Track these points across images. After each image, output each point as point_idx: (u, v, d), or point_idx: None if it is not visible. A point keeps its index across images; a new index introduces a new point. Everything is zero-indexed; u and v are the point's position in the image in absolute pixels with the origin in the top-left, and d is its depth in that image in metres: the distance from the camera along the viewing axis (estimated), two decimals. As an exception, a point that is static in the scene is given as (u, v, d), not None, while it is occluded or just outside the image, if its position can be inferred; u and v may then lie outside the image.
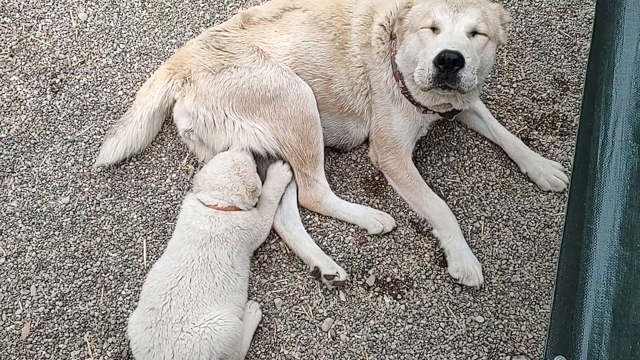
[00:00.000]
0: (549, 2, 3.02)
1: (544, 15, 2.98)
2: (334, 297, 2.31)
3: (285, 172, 2.43)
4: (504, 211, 2.50)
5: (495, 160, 2.62)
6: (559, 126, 2.69)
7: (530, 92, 2.78)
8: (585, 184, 1.49)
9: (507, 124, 2.69)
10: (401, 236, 2.44)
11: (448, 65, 1.97)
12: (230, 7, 2.98)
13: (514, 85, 2.80)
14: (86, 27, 2.90)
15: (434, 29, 2.12)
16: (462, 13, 2.09)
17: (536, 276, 2.36)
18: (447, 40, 2.02)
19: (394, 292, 2.33)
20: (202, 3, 2.99)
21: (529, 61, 2.86)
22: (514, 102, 2.75)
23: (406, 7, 2.23)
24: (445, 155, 2.63)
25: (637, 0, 1.67)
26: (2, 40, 2.85)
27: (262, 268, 2.37)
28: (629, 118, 1.53)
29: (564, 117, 2.71)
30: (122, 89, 2.75)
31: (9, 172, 2.54)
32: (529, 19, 2.98)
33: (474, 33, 2.11)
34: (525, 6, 3.01)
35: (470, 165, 2.61)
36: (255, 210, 2.32)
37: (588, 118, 1.55)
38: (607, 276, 1.38)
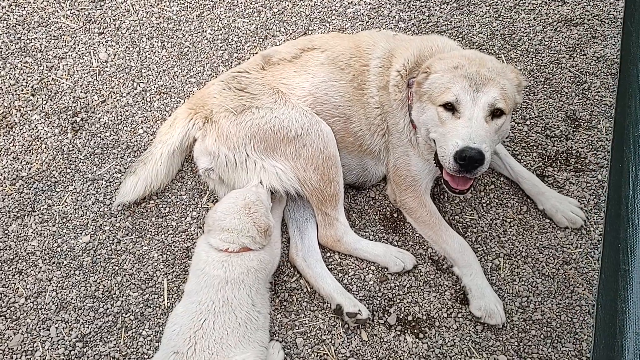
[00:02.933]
0: (559, 41, 3.09)
1: (554, 54, 3.05)
2: (355, 337, 2.30)
3: (281, 195, 2.45)
4: (523, 248, 2.51)
5: (512, 197, 2.64)
6: (573, 162, 2.73)
7: (543, 129, 2.82)
8: (619, 225, 1.50)
9: (522, 161, 2.72)
10: (422, 274, 2.44)
11: (469, 163, 2.03)
12: (248, 47, 3.04)
13: (527, 122, 2.85)
14: (107, 67, 2.96)
15: (453, 108, 2.15)
16: (481, 93, 2.11)
17: (557, 314, 2.35)
18: (468, 132, 2.06)
19: (415, 330, 2.32)
20: (221, 43, 3.05)
21: (541, 99, 2.91)
22: (528, 139, 2.79)
23: (424, 73, 2.24)
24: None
25: (658, 45, 1.72)
26: (24, 79, 2.90)
27: (283, 307, 2.36)
28: (657, 160, 1.55)
29: (578, 154, 2.74)
30: (142, 128, 2.78)
31: (29, 211, 2.55)
32: (540, 58, 3.04)
33: (492, 114, 2.14)
34: (535, 45, 3.08)
35: (488, 202, 2.63)
36: (268, 247, 2.29)
37: (618, 160, 1.58)
38: (644, 319, 1.39)
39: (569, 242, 2.52)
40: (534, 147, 2.77)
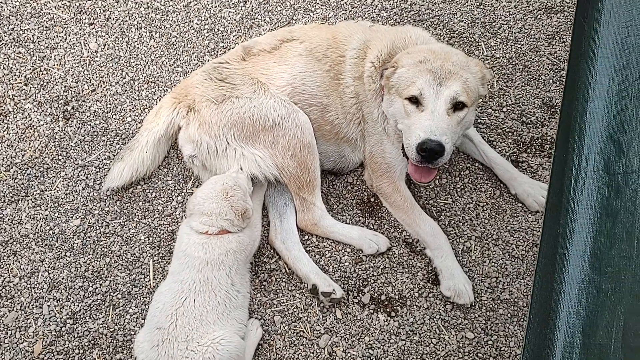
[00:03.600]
0: (539, 29, 3.15)
1: (533, 41, 3.11)
2: (330, 315, 2.43)
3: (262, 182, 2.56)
4: (494, 231, 2.61)
5: (486, 182, 2.74)
6: (547, 149, 2.81)
7: (519, 115, 2.90)
8: (559, 211, 1.60)
9: (497, 147, 2.81)
10: (395, 256, 2.56)
11: (430, 154, 2.15)
12: (233, 36, 3.13)
13: (504, 109, 2.93)
14: (97, 57, 3.06)
15: (417, 101, 2.24)
16: (444, 87, 2.20)
17: (524, 294, 2.47)
18: (430, 124, 2.16)
19: (388, 309, 2.44)
20: (207, 33, 3.14)
21: (518, 86, 2.99)
22: (504, 126, 2.88)
23: (392, 67, 2.33)
24: (437, 177, 2.75)
25: (610, 38, 1.79)
26: (17, 69, 3.01)
27: (262, 287, 2.49)
28: (601, 150, 1.64)
29: (552, 140, 2.82)
30: (130, 116, 2.89)
31: (23, 196, 2.68)
32: (519, 45, 3.11)
33: (454, 107, 2.23)
34: (515, 33, 3.15)
35: (462, 187, 2.73)
36: (247, 229, 2.39)
37: (562, 150, 1.67)
38: (578, 298, 1.49)
39: (539, 225, 2.62)
40: (510, 134, 2.86)
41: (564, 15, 3.19)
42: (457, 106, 2.23)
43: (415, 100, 2.24)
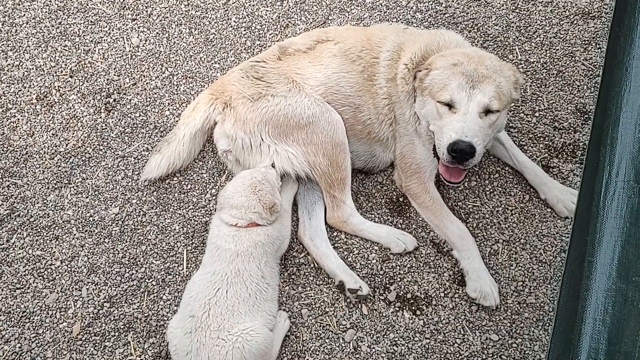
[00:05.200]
0: (574, 34, 3.14)
1: (569, 47, 3.10)
2: (356, 310, 2.48)
3: (293, 182, 2.63)
4: (522, 235, 2.63)
5: (516, 186, 2.75)
6: (579, 155, 2.80)
7: (552, 121, 2.90)
8: (589, 219, 1.62)
9: (528, 152, 2.82)
10: (422, 255, 2.60)
11: (461, 155, 2.19)
12: (270, 34, 3.20)
13: (537, 114, 2.93)
14: (138, 52, 3.17)
15: (450, 104, 2.28)
16: (477, 90, 2.23)
17: (550, 299, 2.48)
18: (462, 126, 2.20)
19: (413, 308, 2.49)
20: (244, 31, 3.22)
21: (552, 91, 2.98)
22: (536, 131, 2.88)
23: (426, 69, 2.37)
24: (467, 179, 2.77)
25: (646, 49, 1.80)
26: (63, 62, 3.14)
27: (291, 280, 2.56)
28: (632, 160, 1.65)
29: (584, 146, 2.82)
30: (169, 110, 2.99)
31: (66, 183, 2.81)
32: (554, 50, 3.10)
33: (486, 110, 2.26)
34: (550, 38, 3.14)
35: (491, 190, 2.75)
36: (277, 224, 2.47)
37: (594, 158, 1.69)
38: (605, 306, 1.52)
39: (568, 231, 2.62)
40: (541, 139, 2.86)
41: (601, 21, 3.16)
42: (490, 109, 2.25)
43: (447, 103, 2.27)
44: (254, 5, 3.30)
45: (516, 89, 2.35)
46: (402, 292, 2.52)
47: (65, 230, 2.70)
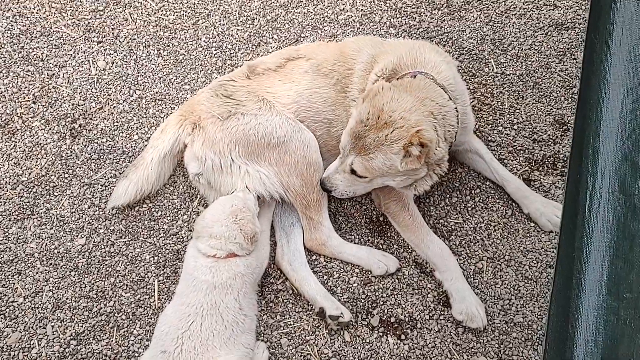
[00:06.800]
0: (549, 46, 3.11)
1: (544, 58, 3.07)
2: (339, 338, 2.37)
3: (270, 200, 2.52)
4: (506, 251, 2.55)
5: (497, 201, 2.68)
6: (560, 167, 2.75)
7: (531, 133, 2.85)
8: (574, 234, 1.54)
9: (508, 165, 2.76)
10: (405, 277, 2.50)
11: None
12: (241, 54, 3.12)
13: (515, 127, 2.88)
14: (105, 75, 3.06)
15: None
16: (352, 155, 2.29)
17: (538, 316, 2.39)
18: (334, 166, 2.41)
19: (397, 332, 2.38)
20: (215, 50, 3.13)
21: (529, 103, 2.94)
22: (515, 144, 2.82)
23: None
24: (447, 196, 2.70)
25: (622, 55, 1.75)
26: (26, 87, 3.02)
27: (269, 308, 2.44)
28: (616, 170, 1.59)
29: (565, 158, 2.77)
30: (137, 134, 2.88)
31: (28, 215, 2.67)
32: (529, 62, 3.07)
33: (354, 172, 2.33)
34: (525, 50, 3.11)
35: (473, 206, 2.67)
36: (255, 252, 2.34)
37: (576, 170, 1.62)
38: (596, 325, 1.43)
39: (553, 245, 2.55)
40: (521, 152, 2.80)
41: (575, 32, 3.15)
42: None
43: None
44: (224, 25, 3.22)
45: (406, 161, 2.21)
46: (385, 316, 2.41)
47: (29, 264, 2.55)
